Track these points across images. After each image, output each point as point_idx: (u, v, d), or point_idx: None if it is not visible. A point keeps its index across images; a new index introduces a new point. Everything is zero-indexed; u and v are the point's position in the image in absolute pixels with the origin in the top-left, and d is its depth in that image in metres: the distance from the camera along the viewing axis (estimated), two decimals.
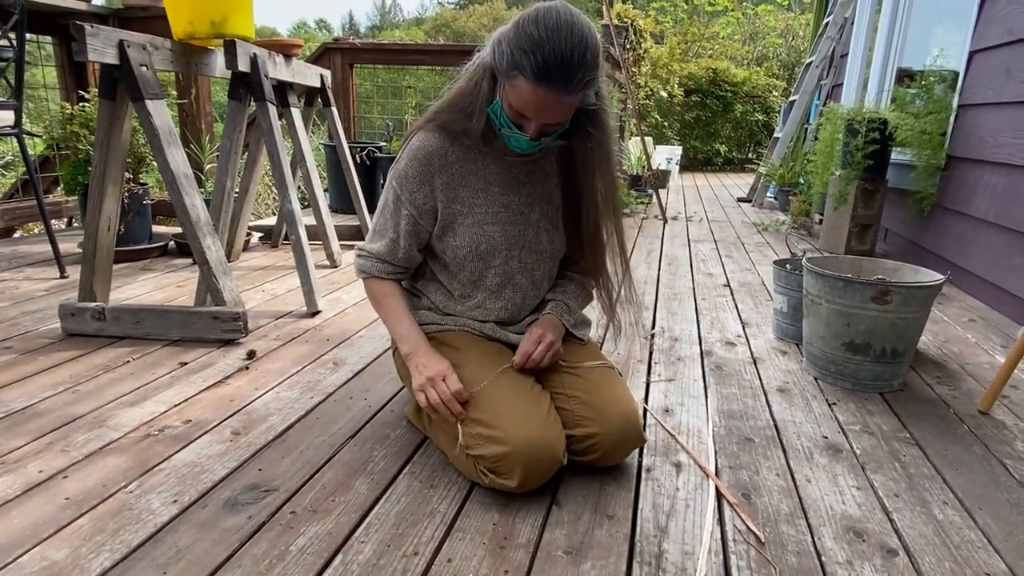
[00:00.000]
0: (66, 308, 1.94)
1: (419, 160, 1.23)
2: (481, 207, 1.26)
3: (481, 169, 1.26)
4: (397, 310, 1.31)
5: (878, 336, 1.63)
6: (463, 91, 1.18)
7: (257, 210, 4.74)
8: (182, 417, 1.45)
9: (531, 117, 1.11)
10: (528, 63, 1.03)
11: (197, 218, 1.92)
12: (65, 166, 2.81)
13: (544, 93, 1.06)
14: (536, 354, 1.25)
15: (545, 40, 1.03)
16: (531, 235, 1.30)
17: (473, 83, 1.16)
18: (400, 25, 38.72)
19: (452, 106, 1.20)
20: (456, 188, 1.25)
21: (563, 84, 1.05)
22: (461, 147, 1.24)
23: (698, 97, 9.60)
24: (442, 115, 1.22)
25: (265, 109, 2.25)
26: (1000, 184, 2.54)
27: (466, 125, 1.18)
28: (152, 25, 3.34)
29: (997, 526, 1.13)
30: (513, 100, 1.10)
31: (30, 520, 1.08)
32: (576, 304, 1.39)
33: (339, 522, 1.09)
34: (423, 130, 1.24)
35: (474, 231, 1.26)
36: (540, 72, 1.03)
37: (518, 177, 1.28)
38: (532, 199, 1.30)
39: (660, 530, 1.10)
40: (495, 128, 1.18)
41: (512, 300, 1.33)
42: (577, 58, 1.04)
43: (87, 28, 1.67)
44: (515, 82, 1.07)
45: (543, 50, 1.03)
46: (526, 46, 1.04)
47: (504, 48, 1.07)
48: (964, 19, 3.03)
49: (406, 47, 5.34)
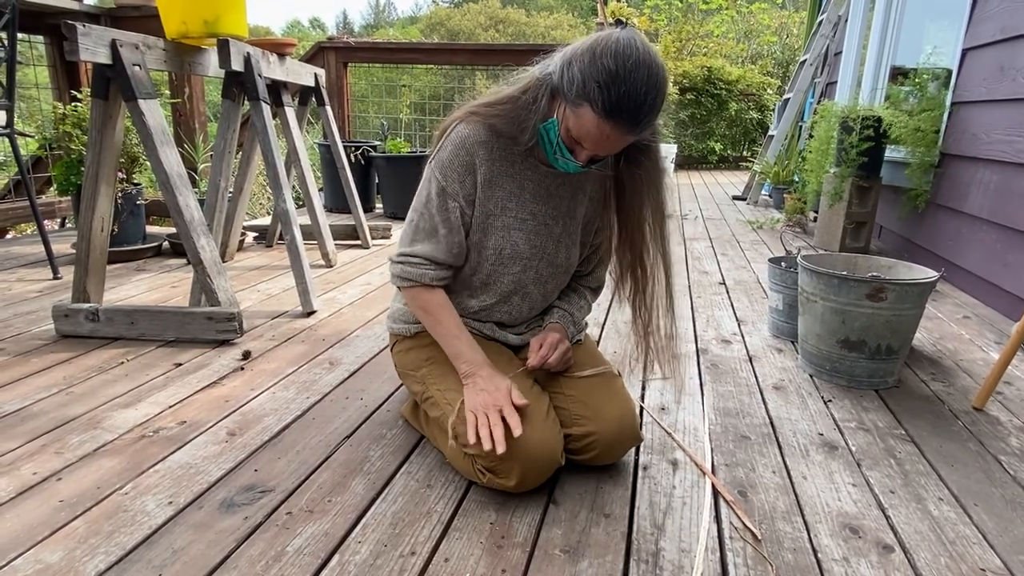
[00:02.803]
0: (59, 309, 1.93)
1: (465, 149, 1.17)
2: (512, 212, 1.23)
3: (517, 173, 1.22)
4: (452, 325, 1.23)
5: (873, 333, 1.63)
6: (518, 104, 1.13)
7: (252, 210, 4.73)
8: (177, 418, 1.44)
9: (587, 148, 1.08)
10: (600, 97, 1.00)
11: (191, 218, 1.91)
12: (58, 166, 2.80)
13: (610, 130, 1.03)
14: (553, 358, 1.24)
15: (622, 78, 0.99)
16: (551, 248, 1.28)
17: (531, 98, 1.11)
18: (395, 24, 38.66)
19: (505, 114, 1.14)
20: (492, 187, 1.21)
21: (631, 125, 1.03)
22: (504, 147, 1.19)
23: (693, 95, 9.60)
24: (492, 117, 1.16)
25: (259, 108, 2.24)
26: (993, 181, 2.55)
27: (517, 137, 1.14)
28: (145, 24, 3.33)
29: (992, 522, 1.14)
30: (572, 127, 1.07)
31: (24, 523, 1.07)
32: (580, 316, 1.38)
33: (336, 522, 1.09)
34: (466, 122, 1.18)
35: (501, 234, 1.23)
36: (611, 110, 1.00)
37: (549, 189, 1.25)
38: (558, 212, 1.27)
39: (657, 528, 1.10)
40: (543, 144, 1.15)
41: (519, 308, 1.32)
42: (649, 101, 1.01)
43: (79, 27, 1.66)
44: (580, 111, 1.04)
45: (618, 88, 0.99)
46: (601, 79, 1.00)
47: (575, 73, 1.03)
48: (957, 17, 3.04)
49: (400, 46, 5.33)
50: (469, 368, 1.20)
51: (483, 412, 1.12)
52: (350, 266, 2.92)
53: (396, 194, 4.16)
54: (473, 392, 1.17)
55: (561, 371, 1.29)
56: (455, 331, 1.23)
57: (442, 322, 1.24)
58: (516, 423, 1.10)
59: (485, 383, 1.17)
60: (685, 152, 9.70)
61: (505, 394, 1.14)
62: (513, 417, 1.11)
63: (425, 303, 1.24)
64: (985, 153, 2.63)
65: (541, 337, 1.28)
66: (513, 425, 1.10)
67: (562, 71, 1.06)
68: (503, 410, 1.12)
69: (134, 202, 2.92)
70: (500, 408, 1.12)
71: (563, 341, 1.27)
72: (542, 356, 1.24)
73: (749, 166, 6.30)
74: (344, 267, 2.90)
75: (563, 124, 1.09)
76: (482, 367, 1.20)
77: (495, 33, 24.93)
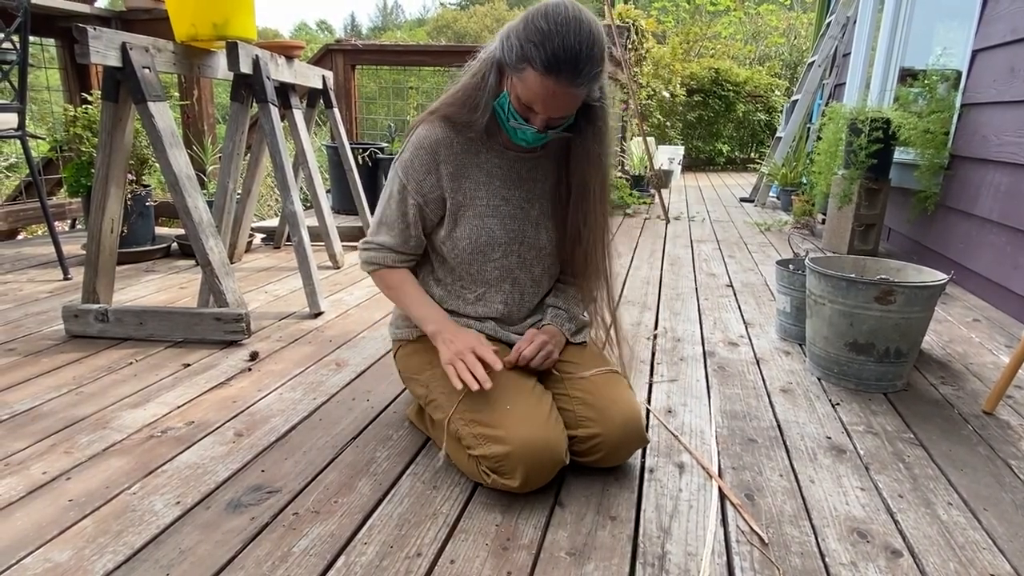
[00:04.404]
0: (69, 310, 1.94)
1: (425, 149, 1.23)
2: (482, 200, 1.27)
3: (484, 162, 1.27)
4: (415, 294, 1.31)
5: (881, 336, 1.62)
6: (468, 86, 1.19)
7: (259, 211, 4.75)
8: (185, 419, 1.45)
9: (539, 110, 1.12)
10: (538, 55, 1.05)
11: (200, 220, 1.93)
12: (68, 168, 2.82)
13: (553, 85, 1.07)
14: (528, 351, 1.25)
15: (555, 33, 1.05)
16: (530, 231, 1.30)
17: (479, 77, 1.17)
18: (402, 26, 38.76)
19: (457, 100, 1.20)
20: (459, 179, 1.26)
21: (572, 76, 1.07)
22: (465, 139, 1.24)
23: (700, 97, 9.59)
24: (446, 108, 1.22)
25: (267, 111, 2.25)
26: (1004, 183, 2.53)
27: (471, 118, 1.19)
28: (155, 27, 3.35)
29: (1002, 527, 1.13)
30: (521, 92, 1.11)
31: (34, 521, 1.08)
32: (577, 310, 1.39)
33: (342, 523, 1.09)
34: (426, 122, 1.25)
35: (474, 223, 1.27)
36: (550, 64, 1.05)
37: (520, 173, 1.29)
38: (533, 195, 1.30)
39: (663, 531, 1.10)
40: (501, 121, 1.20)
41: (511, 295, 1.33)
42: (585, 51, 1.06)
43: (90, 31, 1.68)
44: (524, 74, 1.09)
45: (552, 43, 1.04)
46: (535, 39, 1.06)
47: (513, 41, 1.09)
48: (967, 18, 3.02)
49: (407, 48, 5.35)
50: (436, 327, 1.26)
51: (459, 360, 1.17)
52: (357, 268, 2.93)
53: None
54: (444, 345, 1.22)
55: (564, 372, 1.29)
56: (420, 299, 1.31)
57: (407, 292, 1.32)
58: (493, 359, 1.16)
59: (453, 335, 1.23)
60: (692, 154, 9.68)
61: (475, 337, 1.21)
62: (488, 354, 1.16)
63: (388, 280, 1.34)
64: (995, 155, 2.61)
65: (528, 336, 1.30)
66: (490, 361, 1.15)
67: (501, 44, 1.13)
68: (476, 350, 1.17)
69: (143, 203, 2.94)
70: (473, 348, 1.18)
71: (548, 341, 1.28)
72: (518, 350, 1.26)
73: (757, 168, 6.28)
74: (351, 268, 2.91)
75: (512, 94, 1.13)
76: (448, 323, 1.26)
77: None
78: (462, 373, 1.16)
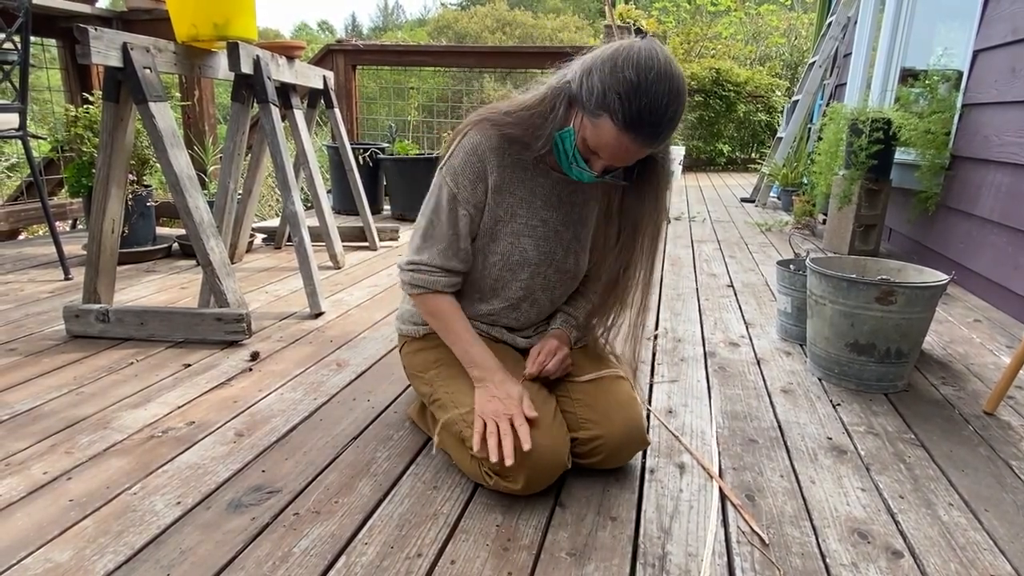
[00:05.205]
0: (70, 310, 1.94)
1: (477, 156, 1.17)
2: (522, 218, 1.23)
3: (529, 180, 1.21)
4: (463, 332, 1.23)
5: (882, 336, 1.62)
6: (535, 111, 1.11)
7: (260, 212, 4.76)
8: (185, 419, 1.45)
9: (603, 157, 1.07)
10: (621, 109, 0.99)
11: (200, 220, 1.93)
12: (69, 168, 2.82)
13: (628, 142, 1.02)
14: (551, 365, 1.24)
15: (643, 91, 0.98)
16: (560, 254, 1.27)
17: (548, 106, 1.10)
18: (403, 26, 38.77)
19: (521, 122, 1.13)
20: (503, 193, 1.20)
21: (651, 138, 1.02)
22: (515, 154, 1.19)
23: (701, 97, 9.58)
24: (508, 127, 1.15)
25: (268, 111, 2.25)
26: (1005, 183, 2.53)
27: (531, 145, 1.12)
28: (155, 28, 3.36)
29: (1003, 528, 1.13)
30: (590, 137, 1.06)
31: (34, 522, 1.08)
32: (585, 319, 1.38)
33: (342, 524, 1.09)
34: (478, 128, 1.17)
35: (510, 240, 1.23)
36: (631, 122, 1.00)
37: (560, 195, 1.24)
38: (570, 219, 1.26)
39: (664, 532, 1.10)
40: (556, 151, 1.13)
41: (527, 314, 1.32)
42: (670, 114, 1.00)
43: (91, 31, 1.68)
44: (599, 122, 1.02)
45: (639, 101, 0.98)
46: (621, 90, 0.98)
47: (595, 83, 1.01)
48: (968, 18, 3.02)
49: (408, 48, 5.35)
50: (481, 373, 1.20)
51: (492, 420, 1.12)
52: (358, 268, 2.93)
53: (404, 196, 4.18)
54: (485, 398, 1.16)
55: (564, 375, 1.29)
56: (466, 336, 1.23)
57: (453, 328, 1.24)
58: (526, 435, 1.09)
59: (497, 389, 1.16)
60: (693, 154, 9.68)
61: (517, 403, 1.14)
62: (523, 428, 1.10)
63: (435, 309, 1.25)
64: (996, 155, 2.61)
65: (540, 344, 1.28)
66: (523, 436, 1.09)
67: (581, 80, 1.04)
68: (514, 419, 1.11)
69: (144, 204, 2.94)
70: (511, 417, 1.12)
71: (562, 348, 1.27)
72: (540, 363, 1.24)
73: (757, 168, 6.28)
74: (352, 269, 2.91)
75: (580, 134, 1.07)
76: (495, 372, 1.19)
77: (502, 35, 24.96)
78: (490, 438, 1.10)
